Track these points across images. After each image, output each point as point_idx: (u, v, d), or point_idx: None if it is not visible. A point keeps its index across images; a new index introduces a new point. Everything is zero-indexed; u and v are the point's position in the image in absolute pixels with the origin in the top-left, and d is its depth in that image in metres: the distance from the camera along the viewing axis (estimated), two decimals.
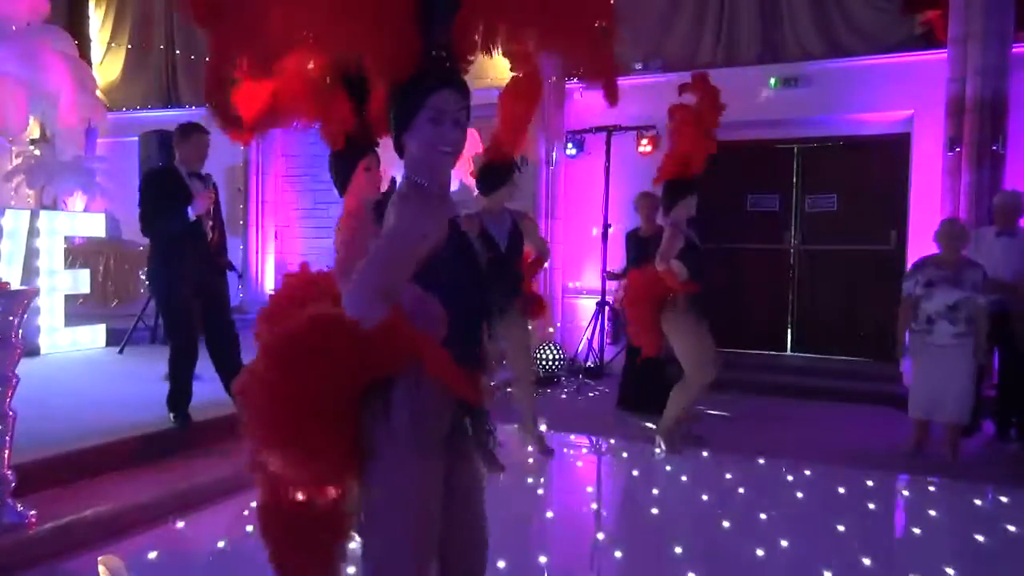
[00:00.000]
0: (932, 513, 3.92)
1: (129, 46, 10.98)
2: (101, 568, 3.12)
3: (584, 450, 5.28)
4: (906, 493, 4.37)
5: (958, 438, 4.83)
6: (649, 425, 5.29)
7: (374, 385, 1.69)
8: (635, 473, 4.60)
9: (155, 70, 10.91)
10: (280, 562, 1.84)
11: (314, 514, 1.81)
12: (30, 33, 3.33)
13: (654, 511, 3.90)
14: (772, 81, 7.39)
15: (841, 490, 4.18)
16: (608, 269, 7.28)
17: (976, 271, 4.68)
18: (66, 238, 7.12)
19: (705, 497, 4.06)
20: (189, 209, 4.32)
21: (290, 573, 1.85)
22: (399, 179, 1.83)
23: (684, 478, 4.43)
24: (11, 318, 3.12)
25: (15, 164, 9.60)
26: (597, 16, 1.84)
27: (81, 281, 7.21)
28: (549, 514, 3.92)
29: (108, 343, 7.30)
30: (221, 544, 3.32)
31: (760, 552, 3.33)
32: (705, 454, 4.85)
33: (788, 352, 7.83)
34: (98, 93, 3.67)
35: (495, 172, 4.33)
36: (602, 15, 1.84)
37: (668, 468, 4.62)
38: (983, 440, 5.29)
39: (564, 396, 6.80)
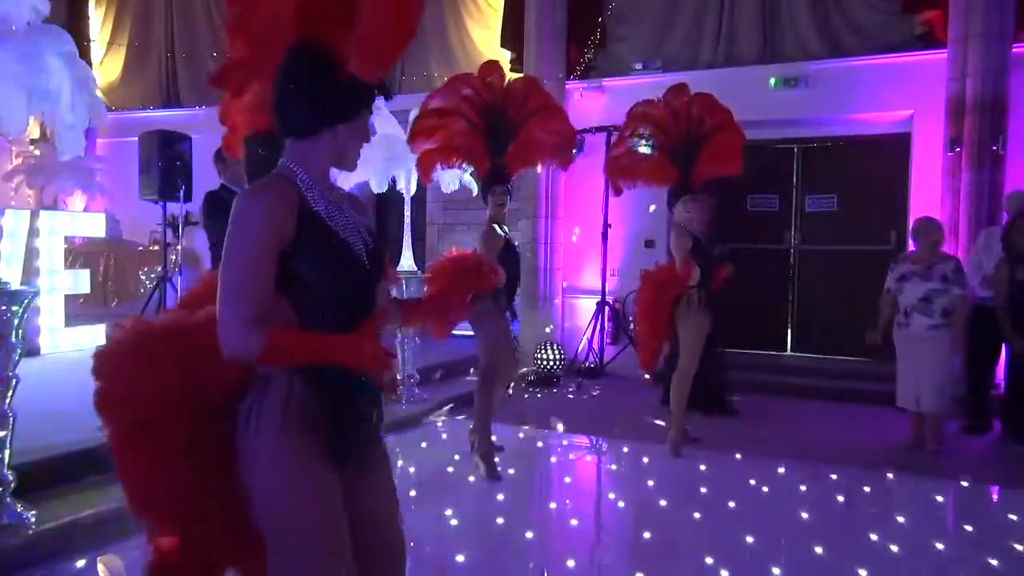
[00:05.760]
0: (932, 512, 3.92)
1: (126, 45, 10.97)
2: (101, 568, 3.12)
3: (584, 450, 5.27)
4: (906, 492, 4.37)
5: (941, 428, 4.96)
6: (660, 423, 5.35)
7: (236, 398, 1.64)
8: (635, 473, 4.60)
9: (155, 70, 10.92)
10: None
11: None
12: (30, 33, 3.33)
13: (654, 511, 3.90)
14: (772, 81, 7.39)
15: (840, 489, 4.18)
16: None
17: (947, 263, 4.80)
18: (66, 238, 7.12)
19: (705, 497, 4.07)
20: None
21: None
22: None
23: (685, 478, 4.43)
24: (11, 318, 3.12)
25: (15, 164, 9.59)
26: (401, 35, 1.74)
27: (81, 281, 7.21)
28: (549, 514, 3.92)
29: None
30: None
31: (760, 551, 3.33)
32: (705, 454, 4.85)
33: (788, 352, 7.83)
34: (98, 93, 3.67)
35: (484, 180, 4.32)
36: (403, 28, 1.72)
37: (669, 468, 4.62)
38: (991, 440, 5.30)
39: (564, 396, 6.80)
